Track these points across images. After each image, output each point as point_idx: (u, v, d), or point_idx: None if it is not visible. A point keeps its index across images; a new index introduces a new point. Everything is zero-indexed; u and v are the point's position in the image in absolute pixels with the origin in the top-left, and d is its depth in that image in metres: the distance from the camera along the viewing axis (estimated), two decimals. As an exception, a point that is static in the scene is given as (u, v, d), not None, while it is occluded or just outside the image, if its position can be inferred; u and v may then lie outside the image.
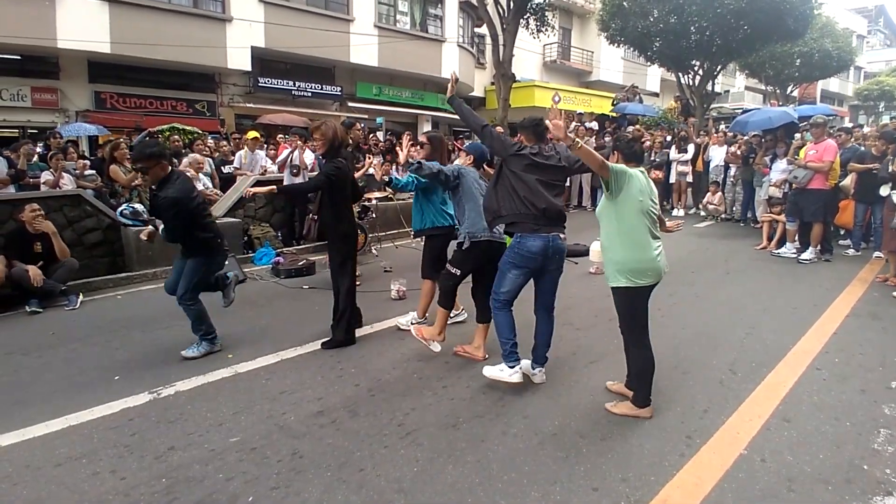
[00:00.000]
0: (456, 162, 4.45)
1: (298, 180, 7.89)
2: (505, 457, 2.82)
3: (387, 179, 4.37)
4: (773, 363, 3.98)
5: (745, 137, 10.37)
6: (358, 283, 4.85)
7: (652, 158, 11.71)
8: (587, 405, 3.38)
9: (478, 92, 23.46)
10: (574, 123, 15.06)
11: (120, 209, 6.78)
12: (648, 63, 19.08)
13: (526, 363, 3.70)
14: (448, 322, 4.39)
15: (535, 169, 3.54)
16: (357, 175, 4.48)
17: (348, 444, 2.96)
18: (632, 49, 18.08)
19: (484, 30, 18.65)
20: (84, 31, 12.44)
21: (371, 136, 13.49)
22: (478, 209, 3.95)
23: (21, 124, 13.34)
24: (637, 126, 13.60)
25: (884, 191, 6.26)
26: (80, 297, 5.76)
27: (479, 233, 3.98)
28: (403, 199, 9.61)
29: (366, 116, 16.75)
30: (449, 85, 4.04)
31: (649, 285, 3.19)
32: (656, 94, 28.05)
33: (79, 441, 3.05)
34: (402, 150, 4.19)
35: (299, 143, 7.99)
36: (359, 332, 4.61)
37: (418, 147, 4.74)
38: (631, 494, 2.53)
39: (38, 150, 8.72)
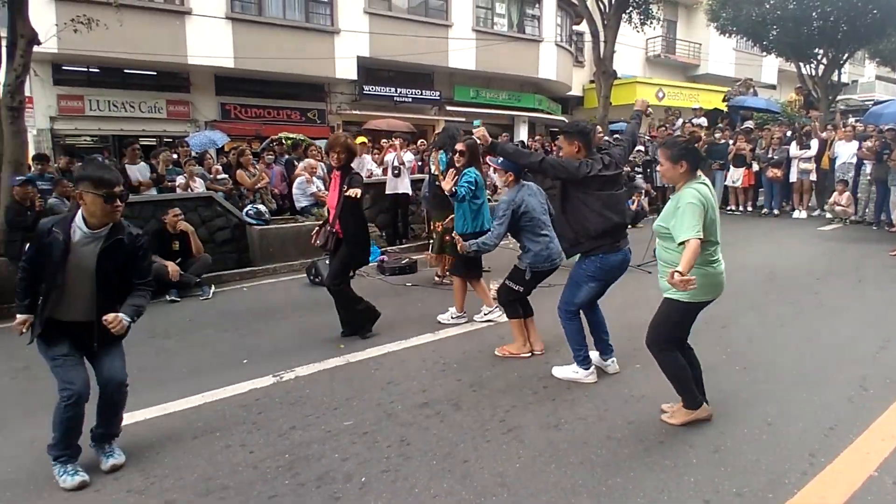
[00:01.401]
0: (495, 180, 4.41)
1: (399, 181, 8.24)
2: (609, 461, 2.79)
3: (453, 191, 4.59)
4: (914, 381, 3.61)
5: (880, 130, 9.35)
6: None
7: (769, 155, 10.90)
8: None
9: (576, 91, 23.00)
10: (680, 120, 14.34)
11: (245, 210, 7.44)
12: (764, 53, 17.67)
13: (594, 356, 3.81)
14: (483, 319, 4.95)
15: (606, 184, 3.48)
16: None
17: (452, 435, 3.08)
18: (745, 39, 16.85)
19: (583, 27, 18.26)
20: (211, 48, 13.69)
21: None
22: (540, 243, 3.99)
23: (158, 134, 14.92)
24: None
25: None
26: (212, 288, 6.42)
27: (540, 264, 4.02)
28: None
29: (463, 119, 16.98)
30: (479, 134, 3.78)
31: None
32: (773, 87, 25.91)
33: (212, 417, 3.40)
34: (447, 180, 4.55)
35: (396, 144, 8.37)
36: (459, 330, 4.75)
37: (457, 155, 4.83)
38: (747, 509, 2.42)
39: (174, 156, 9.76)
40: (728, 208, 11.72)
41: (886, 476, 2.63)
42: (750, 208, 11.58)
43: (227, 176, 8.22)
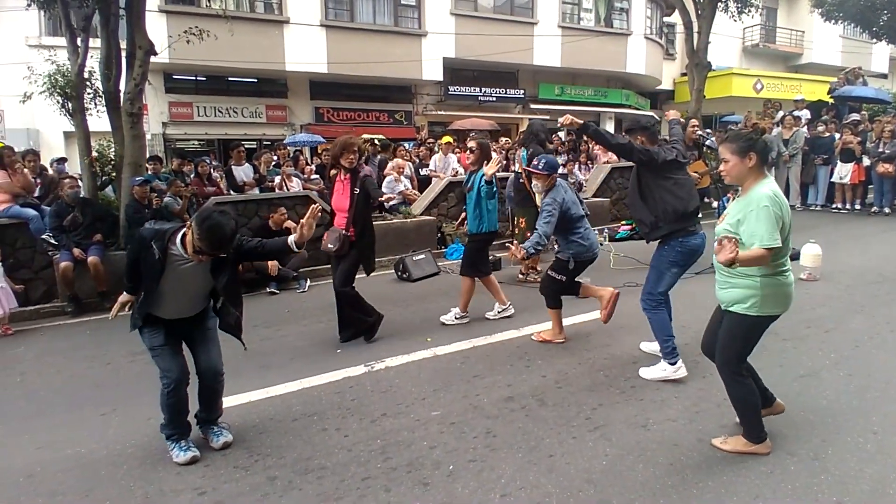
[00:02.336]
0: (536, 185, 4.39)
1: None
2: (700, 463, 2.75)
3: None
4: None
5: None
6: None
7: (880, 149, 9.98)
8: (797, 421, 3.12)
9: (666, 84, 22.08)
10: (781, 112, 13.42)
11: (337, 208, 7.84)
12: (874, 40, 16.14)
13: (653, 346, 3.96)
14: (497, 316, 5.11)
15: (680, 170, 3.77)
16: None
17: (538, 429, 3.13)
18: (853, 25, 15.49)
19: (674, 18, 17.49)
20: (307, 54, 14.46)
21: (553, 135, 13.55)
22: (581, 233, 4.26)
23: (258, 137, 15.97)
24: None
25: None
26: (308, 282, 6.83)
27: (583, 254, 4.27)
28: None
29: (548, 117, 16.84)
30: (568, 121, 3.92)
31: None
32: (884, 76, 23.67)
33: (310, 401, 3.64)
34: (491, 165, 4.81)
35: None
36: (537, 327, 4.78)
37: (468, 153, 5.18)
38: (848, 519, 2.33)
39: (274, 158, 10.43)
40: (834, 206, 10.86)
41: None
42: (858, 206, 10.67)
43: (318, 176, 8.68)
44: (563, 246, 4.38)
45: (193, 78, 15.08)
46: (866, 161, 10.35)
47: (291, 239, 3.05)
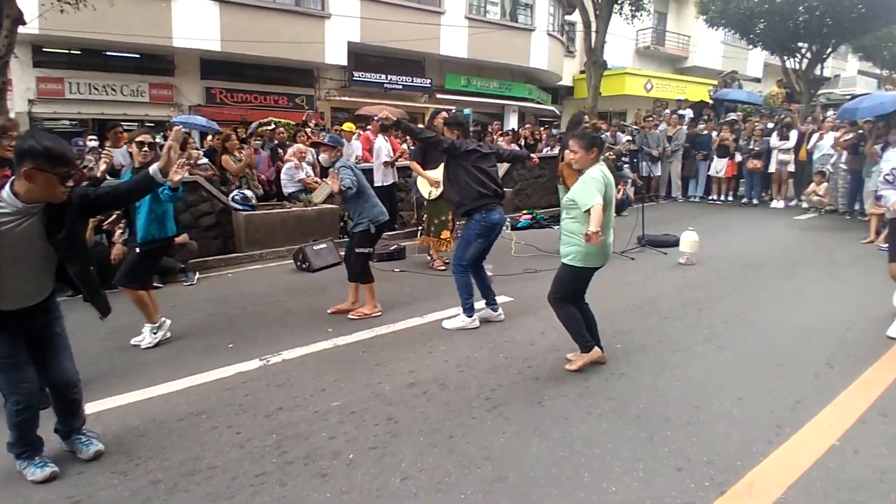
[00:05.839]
0: (322, 157, 5.04)
1: (390, 171, 8.29)
2: (589, 435, 2.91)
3: None
4: (874, 359, 3.78)
5: (853, 123, 9.52)
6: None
7: (751, 147, 11.08)
8: (673, 392, 3.38)
9: (566, 81, 23.06)
10: (667, 111, 14.50)
11: (231, 195, 7.42)
12: (751, 46, 17.83)
13: (489, 312, 4.64)
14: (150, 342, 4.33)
15: (482, 159, 4.48)
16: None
17: (439, 413, 3.17)
18: (733, 32, 17.00)
19: (574, 17, 18.27)
20: (197, 30, 13.52)
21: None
22: (372, 202, 4.85)
23: (140, 118, 14.65)
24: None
25: None
26: (197, 274, 6.42)
27: (379, 216, 4.84)
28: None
29: (453, 108, 16.99)
30: (385, 115, 4.96)
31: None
32: (758, 80, 26.21)
33: (198, 400, 3.41)
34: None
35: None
36: (444, 314, 4.84)
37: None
38: (716, 476, 2.55)
39: (160, 141, 9.66)
40: (711, 198, 11.93)
41: (847, 446, 2.78)
42: (731, 198, 11.80)
43: (207, 161, 8.17)
44: (358, 217, 4.83)
45: (66, 51, 13.62)
46: (739, 157, 11.44)
47: (155, 167, 2.72)
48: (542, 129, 15.88)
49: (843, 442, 2.82)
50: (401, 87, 18.00)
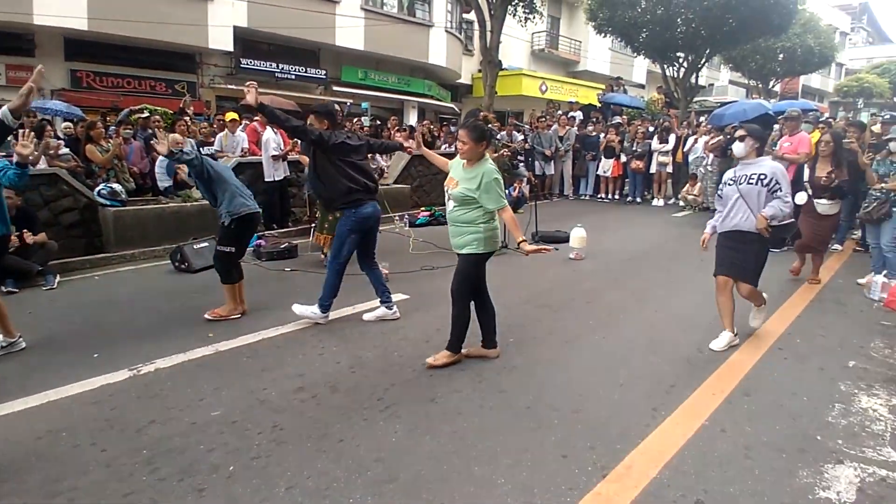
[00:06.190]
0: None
1: (281, 164, 7.91)
2: (480, 429, 2.92)
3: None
4: (738, 344, 4.14)
5: (720, 128, 10.50)
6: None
7: (634, 148, 11.87)
8: (561, 382, 3.49)
9: (465, 79, 23.37)
10: (560, 112, 15.16)
11: (97, 189, 6.71)
12: (635, 54, 19.14)
13: (383, 310, 4.53)
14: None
15: (352, 152, 4.24)
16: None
17: (328, 417, 3.04)
18: (619, 39, 18.11)
19: (472, 15, 18.56)
20: (61, 6, 12.14)
21: (356, 120, 13.46)
22: (235, 191, 4.54)
23: (-5, 102, 13.05)
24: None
25: (800, 198, 5.59)
26: (58, 277, 5.73)
27: (240, 209, 4.51)
28: (387, 185, 9.66)
29: (350, 101, 16.64)
30: (251, 96, 3.89)
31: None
32: (642, 86, 28.18)
33: (58, 417, 3.07)
34: None
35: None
36: (341, 313, 4.69)
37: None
38: (598, 460, 2.66)
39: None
40: (599, 196, 12.64)
41: (714, 425, 3.01)
42: (618, 196, 12.58)
43: (69, 151, 7.35)
44: (219, 210, 4.53)
45: None
46: (624, 158, 12.20)
47: (5, 108, 2.40)
48: (440, 125, 16.00)
49: (711, 421, 3.04)
50: (293, 77, 17.31)
